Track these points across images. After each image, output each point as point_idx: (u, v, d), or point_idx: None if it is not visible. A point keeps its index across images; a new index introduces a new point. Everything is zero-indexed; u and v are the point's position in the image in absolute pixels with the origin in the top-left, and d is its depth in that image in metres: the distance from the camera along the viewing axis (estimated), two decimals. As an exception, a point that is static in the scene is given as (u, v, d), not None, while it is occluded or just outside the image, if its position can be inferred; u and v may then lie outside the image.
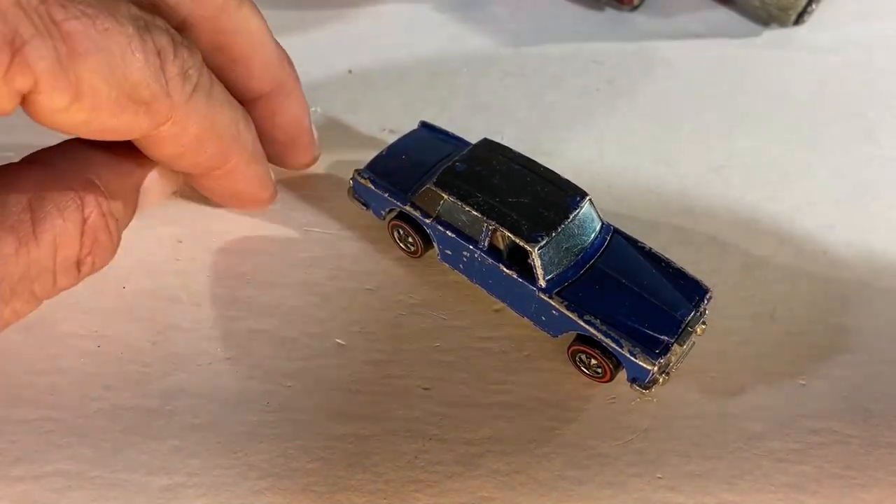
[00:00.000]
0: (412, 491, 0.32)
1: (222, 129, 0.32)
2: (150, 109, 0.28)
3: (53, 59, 0.24)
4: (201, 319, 0.36)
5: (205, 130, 0.31)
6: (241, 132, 0.33)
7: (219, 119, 0.32)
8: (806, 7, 0.53)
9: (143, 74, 0.27)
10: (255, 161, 0.35)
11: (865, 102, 0.49)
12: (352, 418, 0.33)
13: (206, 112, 0.30)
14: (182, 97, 0.29)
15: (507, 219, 0.34)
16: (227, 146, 0.33)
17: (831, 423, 0.34)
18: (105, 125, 0.27)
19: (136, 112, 0.27)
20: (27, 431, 0.32)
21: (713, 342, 0.36)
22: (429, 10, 0.54)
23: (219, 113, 0.31)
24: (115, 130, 0.28)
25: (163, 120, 0.29)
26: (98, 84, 0.26)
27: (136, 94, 0.27)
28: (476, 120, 0.47)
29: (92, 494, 0.31)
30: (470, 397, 0.34)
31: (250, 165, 0.35)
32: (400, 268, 0.39)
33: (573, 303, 0.33)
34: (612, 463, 0.33)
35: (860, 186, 0.44)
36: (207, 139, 0.31)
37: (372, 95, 0.48)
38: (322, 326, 0.36)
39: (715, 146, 0.46)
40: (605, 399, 0.35)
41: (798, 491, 0.32)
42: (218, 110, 0.31)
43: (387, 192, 0.38)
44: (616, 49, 0.52)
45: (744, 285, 0.39)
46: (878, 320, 0.38)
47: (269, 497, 0.31)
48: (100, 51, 0.25)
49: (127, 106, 0.27)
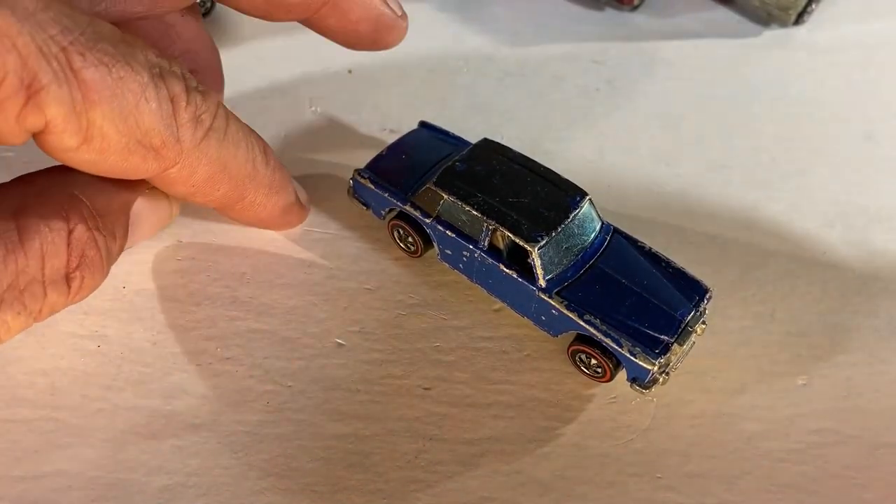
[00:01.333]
0: (412, 491, 0.32)
1: (235, 169, 0.32)
2: (159, 155, 0.29)
3: (68, 104, 0.25)
4: (201, 319, 0.36)
5: (216, 172, 0.31)
6: (258, 168, 0.34)
7: (232, 160, 0.32)
8: (806, 7, 0.53)
9: (155, 121, 0.28)
10: (274, 193, 0.36)
11: (865, 102, 0.49)
12: (352, 418, 0.34)
13: (217, 155, 0.31)
14: (192, 142, 0.30)
15: (507, 218, 0.34)
16: (241, 184, 0.33)
17: (831, 423, 0.34)
18: (113, 167, 0.28)
19: (145, 156, 0.28)
20: (27, 431, 0.32)
21: (713, 342, 0.36)
22: (429, 10, 0.54)
23: (232, 155, 0.32)
24: (123, 171, 0.28)
25: (171, 164, 0.29)
26: (109, 130, 0.26)
27: (147, 139, 0.28)
28: (476, 120, 0.47)
29: (92, 494, 0.31)
30: (470, 397, 0.34)
31: (269, 198, 0.35)
32: (400, 268, 0.39)
33: (573, 302, 0.33)
34: (612, 463, 0.33)
35: (860, 186, 0.44)
36: (219, 180, 0.32)
37: (372, 95, 0.48)
38: (322, 326, 0.36)
39: (715, 146, 0.46)
40: (605, 399, 0.35)
41: (798, 491, 0.32)
42: (231, 152, 0.32)
43: (387, 192, 0.38)
44: (616, 49, 0.52)
45: (744, 285, 0.39)
46: (878, 320, 0.38)
47: (269, 497, 0.31)
48: (114, 98, 0.26)
49: (136, 150, 0.28)
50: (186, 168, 0.30)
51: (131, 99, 0.26)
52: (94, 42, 0.25)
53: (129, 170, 0.28)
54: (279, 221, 0.38)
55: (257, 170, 0.34)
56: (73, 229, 0.30)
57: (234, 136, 0.32)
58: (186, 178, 0.31)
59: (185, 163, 0.30)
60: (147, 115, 0.27)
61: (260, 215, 0.36)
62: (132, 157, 0.28)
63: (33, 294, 0.29)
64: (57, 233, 0.29)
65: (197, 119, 0.29)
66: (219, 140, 0.31)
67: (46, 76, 0.24)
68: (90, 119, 0.25)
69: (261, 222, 0.38)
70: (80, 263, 0.30)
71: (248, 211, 0.35)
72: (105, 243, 0.31)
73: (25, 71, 0.23)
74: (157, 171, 0.29)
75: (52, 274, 0.29)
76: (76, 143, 0.26)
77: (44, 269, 0.29)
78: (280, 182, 0.36)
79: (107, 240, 0.31)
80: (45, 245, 0.29)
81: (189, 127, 0.29)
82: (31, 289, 0.29)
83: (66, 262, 0.29)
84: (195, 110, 0.29)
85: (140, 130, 0.27)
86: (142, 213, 0.34)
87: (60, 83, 0.24)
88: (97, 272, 0.31)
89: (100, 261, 0.31)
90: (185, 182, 0.31)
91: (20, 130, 0.24)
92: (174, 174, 0.30)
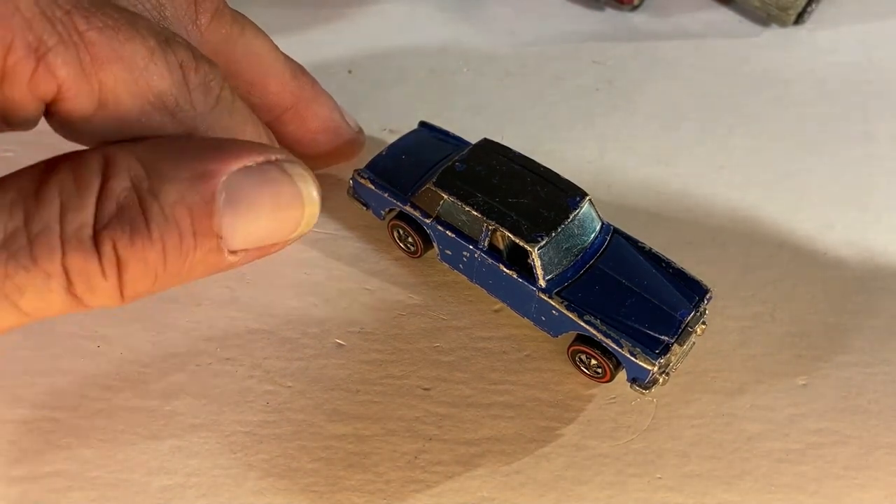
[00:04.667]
0: (412, 491, 0.32)
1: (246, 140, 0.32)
2: (175, 120, 0.28)
3: (77, 66, 0.24)
4: (201, 319, 0.36)
5: None
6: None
7: (241, 133, 0.32)
8: (806, 7, 0.53)
9: (166, 84, 0.27)
10: None
11: (865, 102, 0.49)
12: (352, 418, 0.34)
13: (228, 124, 0.31)
14: (205, 107, 0.29)
15: (506, 219, 0.34)
16: None
17: (831, 423, 0.34)
18: (129, 136, 0.27)
19: (162, 123, 0.28)
20: (27, 431, 0.32)
21: (713, 342, 0.36)
22: (429, 10, 0.54)
23: (242, 128, 0.32)
24: None
25: (187, 129, 0.29)
26: (121, 92, 0.26)
27: (160, 103, 0.27)
28: (476, 120, 0.47)
29: (92, 494, 0.31)
30: (470, 397, 0.34)
31: None
32: (400, 268, 0.39)
33: (573, 303, 0.33)
34: (612, 463, 0.33)
35: (860, 186, 0.44)
36: None
37: (372, 95, 0.48)
38: (322, 326, 0.36)
39: (715, 146, 0.46)
40: (605, 399, 0.35)
41: (798, 491, 0.32)
42: (241, 126, 0.32)
43: (387, 192, 0.38)
44: (616, 49, 0.52)
45: (744, 285, 0.39)
46: (878, 320, 0.38)
47: (269, 497, 0.31)
48: (122, 60, 0.25)
49: (151, 116, 0.27)
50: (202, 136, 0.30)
51: (140, 62, 0.26)
52: (98, 7, 0.25)
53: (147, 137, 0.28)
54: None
55: None
56: (110, 178, 0.24)
57: (241, 111, 0.32)
58: None
59: (199, 129, 0.29)
60: (157, 78, 0.27)
61: None
62: (148, 123, 0.27)
63: (47, 246, 0.23)
64: (84, 180, 0.24)
65: (207, 85, 0.29)
66: (229, 110, 0.30)
67: (52, 38, 0.24)
68: (101, 81, 0.25)
69: None
70: (110, 224, 0.24)
71: None
72: (164, 211, 0.25)
73: (31, 34, 0.23)
74: None
75: (72, 230, 0.24)
76: (91, 107, 0.25)
77: (62, 222, 0.23)
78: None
79: (167, 211, 0.25)
80: (65, 194, 0.24)
81: (200, 91, 0.29)
82: (44, 239, 0.23)
83: (91, 216, 0.24)
84: (205, 76, 0.29)
85: (152, 93, 0.27)
86: (245, 188, 0.26)
87: (67, 45, 0.24)
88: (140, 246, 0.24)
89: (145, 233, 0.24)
90: None
91: (33, 99, 0.24)
92: None
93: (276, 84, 0.36)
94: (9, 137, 0.41)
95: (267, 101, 0.37)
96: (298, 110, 0.38)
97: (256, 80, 0.36)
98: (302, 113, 0.38)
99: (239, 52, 0.35)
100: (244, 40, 0.35)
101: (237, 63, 0.35)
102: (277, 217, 0.27)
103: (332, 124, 0.40)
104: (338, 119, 0.40)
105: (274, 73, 0.36)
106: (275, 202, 0.27)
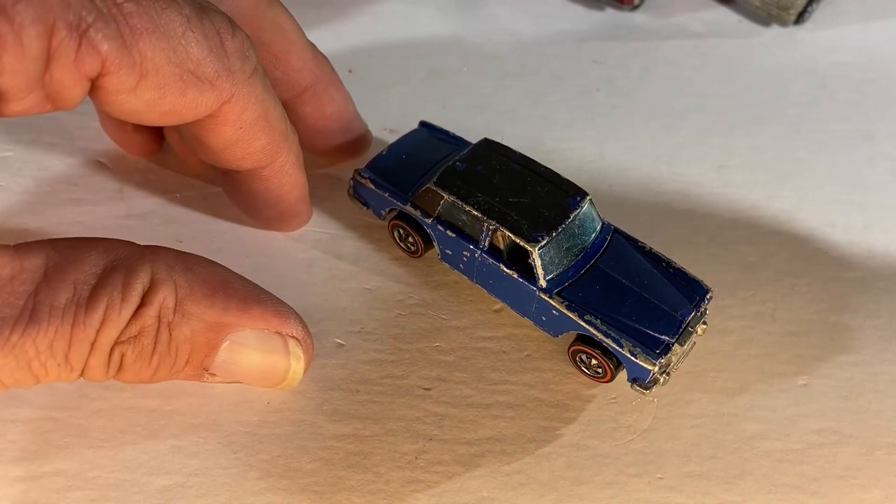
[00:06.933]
0: (412, 491, 0.32)
1: (275, 120, 0.33)
2: (214, 86, 0.29)
3: (118, 39, 0.25)
4: (201, 319, 0.36)
5: (260, 117, 0.32)
6: (289, 133, 0.34)
7: (273, 110, 0.32)
8: (806, 7, 0.53)
9: (204, 51, 0.28)
10: (300, 165, 0.36)
11: (865, 102, 0.49)
12: (352, 418, 0.33)
13: (263, 96, 0.31)
14: (243, 75, 0.30)
15: (507, 219, 0.34)
16: (277, 139, 0.33)
17: (831, 423, 0.34)
18: (173, 105, 0.28)
19: (202, 89, 0.28)
20: (27, 431, 0.32)
21: (713, 342, 0.36)
22: (429, 10, 0.54)
23: (273, 104, 0.32)
24: (184, 109, 0.29)
25: (227, 96, 0.30)
26: (161, 62, 0.27)
27: (200, 70, 0.28)
28: (476, 120, 0.47)
29: (92, 494, 0.31)
30: (470, 397, 0.34)
31: (295, 167, 0.36)
32: (400, 268, 0.39)
33: (573, 303, 0.33)
34: (612, 463, 0.33)
35: (860, 186, 0.44)
36: (262, 127, 0.32)
37: (372, 95, 0.48)
38: (322, 327, 0.36)
39: (715, 146, 0.46)
40: (605, 399, 0.35)
41: (798, 491, 0.32)
42: (272, 102, 0.32)
43: (387, 192, 0.38)
44: (616, 49, 0.52)
45: (744, 285, 0.39)
46: (878, 320, 0.38)
47: (269, 497, 0.31)
48: (159, 29, 0.26)
49: (192, 83, 0.28)
50: (239, 103, 0.30)
51: (178, 29, 0.27)
52: None
53: (189, 106, 0.29)
54: (294, 209, 0.38)
55: (288, 133, 0.34)
56: (146, 305, 0.27)
57: (271, 89, 0.32)
58: (238, 116, 0.31)
59: (238, 95, 0.30)
60: (195, 46, 0.28)
61: (284, 187, 0.36)
62: (189, 90, 0.28)
63: (80, 353, 0.26)
64: (128, 301, 0.27)
65: (244, 52, 0.30)
66: (263, 82, 0.31)
67: (91, 14, 0.24)
68: (142, 52, 0.26)
69: (278, 205, 0.37)
70: (127, 341, 0.27)
71: (275, 179, 0.35)
72: (170, 346, 0.28)
73: (70, 11, 0.24)
74: (215, 104, 0.29)
75: (102, 342, 0.27)
76: (134, 80, 0.26)
77: (98, 334, 0.26)
78: (301, 158, 0.36)
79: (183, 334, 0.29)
80: (110, 309, 0.26)
81: (238, 58, 0.29)
82: (80, 344, 0.26)
83: (119, 332, 0.27)
84: (241, 43, 0.30)
85: (192, 61, 0.28)
86: (247, 345, 0.31)
87: (106, 19, 0.25)
88: (139, 365, 0.28)
89: (148, 357, 0.28)
90: (236, 121, 0.31)
91: (80, 77, 0.25)
92: (228, 110, 0.30)
93: (297, 61, 0.37)
94: (9, 137, 0.41)
95: (289, 76, 0.37)
96: (317, 91, 0.38)
97: (281, 55, 0.36)
98: (320, 94, 0.38)
99: (266, 24, 0.35)
100: (272, 13, 0.36)
101: (264, 34, 0.35)
102: (260, 376, 0.32)
103: (346, 113, 0.40)
104: (352, 110, 0.41)
105: (296, 49, 0.37)
106: (264, 366, 0.31)
